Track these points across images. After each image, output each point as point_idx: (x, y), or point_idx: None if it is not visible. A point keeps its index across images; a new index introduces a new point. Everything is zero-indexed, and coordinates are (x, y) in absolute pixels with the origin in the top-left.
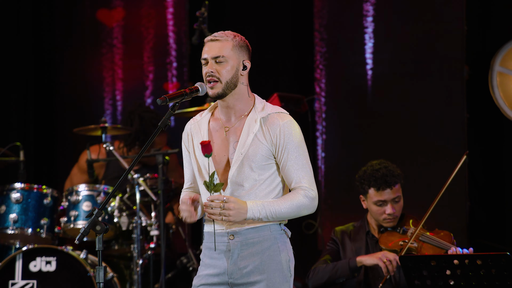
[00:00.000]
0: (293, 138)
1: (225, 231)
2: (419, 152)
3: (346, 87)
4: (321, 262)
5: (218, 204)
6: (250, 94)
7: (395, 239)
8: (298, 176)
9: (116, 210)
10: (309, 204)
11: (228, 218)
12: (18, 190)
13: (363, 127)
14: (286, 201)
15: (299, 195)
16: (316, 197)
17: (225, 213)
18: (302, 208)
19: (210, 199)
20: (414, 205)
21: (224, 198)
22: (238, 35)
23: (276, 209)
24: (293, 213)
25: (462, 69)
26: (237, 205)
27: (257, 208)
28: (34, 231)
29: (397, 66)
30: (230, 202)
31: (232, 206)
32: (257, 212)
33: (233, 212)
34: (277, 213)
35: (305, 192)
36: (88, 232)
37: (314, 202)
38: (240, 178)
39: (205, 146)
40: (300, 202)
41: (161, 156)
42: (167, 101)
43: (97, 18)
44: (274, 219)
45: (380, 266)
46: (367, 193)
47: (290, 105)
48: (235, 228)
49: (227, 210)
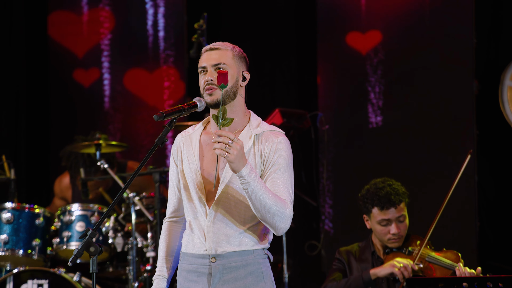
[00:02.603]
0: (284, 157)
1: (206, 253)
2: (427, 169)
3: (350, 102)
4: (331, 281)
5: (226, 140)
6: (246, 109)
7: None
8: (280, 190)
9: (110, 230)
10: (285, 216)
11: (229, 156)
12: (8, 210)
13: (367, 145)
14: (274, 194)
15: (284, 202)
16: (291, 218)
17: (229, 150)
18: (281, 213)
19: (220, 133)
20: (420, 226)
21: (235, 138)
22: (236, 46)
23: (264, 192)
24: (271, 209)
25: (472, 83)
26: (242, 152)
27: (253, 173)
28: (26, 253)
29: (404, 79)
30: (238, 143)
31: (238, 147)
32: (251, 175)
33: (237, 153)
34: (262, 196)
35: (288, 205)
36: (82, 253)
37: (289, 221)
38: (228, 195)
39: (222, 75)
40: (283, 207)
41: (158, 174)
42: (164, 117)
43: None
44: (255, 198)
45: (395, 273)
46: (370, 213)
47: (292, 121)
48: (218, 251)
49: (233, 148)
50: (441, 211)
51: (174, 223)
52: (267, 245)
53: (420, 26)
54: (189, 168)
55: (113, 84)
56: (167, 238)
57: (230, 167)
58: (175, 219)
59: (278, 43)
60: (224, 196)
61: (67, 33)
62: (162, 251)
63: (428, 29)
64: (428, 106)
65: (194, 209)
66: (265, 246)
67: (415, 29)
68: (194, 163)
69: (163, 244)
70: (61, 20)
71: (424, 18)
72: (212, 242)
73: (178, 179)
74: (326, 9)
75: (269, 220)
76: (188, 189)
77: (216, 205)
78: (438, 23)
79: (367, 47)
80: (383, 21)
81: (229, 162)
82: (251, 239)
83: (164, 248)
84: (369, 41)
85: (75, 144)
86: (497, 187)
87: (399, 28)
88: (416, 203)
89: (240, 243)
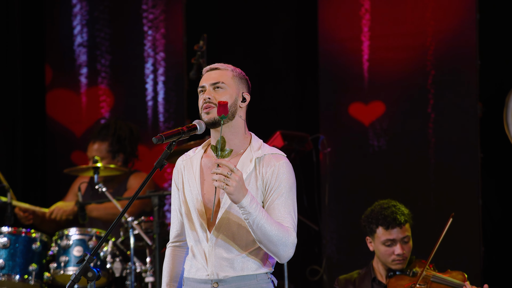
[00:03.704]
0: (286, 181)
1: (208, 278)
2: (430, 193)
3: (351, 127)
4: None
5: (226, 170)
6: (247, 131)
7: (406, 283)
8: (282, 217)
9: (108, 255)
10: (288, 244)
11: (228, 188)
12: (5, 235)
13: (371, 169)
14: (276, 223)
15: (287, 230)
16: (295, 245)
17: (228, 182)
18: (284, 242)
19: (219, 163)
20: (424, 249)
21: (234, 168)
22: (237, 68)
23: (266, 222)
24: (273, 238)
25: (476, 106)
26: (242, 182)
27: (254, 203)
28: (22, 278)
29: (406, 102)
30: (237, 174)
31: (237, 178)
32: (252, 205)
33: (236, 184)
34: (264, 226)
35: (291, 233)
36: (79, 279)
37: (293, 248)
38: (229, 220)
39: (222, 106)
40: (286, 236)
41: (157, 198)
42: (163, 140)
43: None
44: (256, 228)
45: None
46: (374, 233)
47: (293, 144)
48: (220, 276)
49: (232, 180)
50: (440, 242)
51: (178, 247)
52: (271, 269)
53: (423, 46)
54: (190, 192)
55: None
56: (171, 264)
57: (230, 198)
58: (178, 243)
59: (280, 65)
60: (225, 221)
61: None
62: (166, 277)
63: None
64: (432, 129)
65: (195, 234)
66: (269, 270)
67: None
68: (195, 187)
69: (167, 269)
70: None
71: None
72: (214, 267)
73: (179, 203)
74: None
75: (271, 249)
76: (189, 213)
77: (217, 230)
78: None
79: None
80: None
81: (228, 194)
82: (254, 263)
83: (167, 273)
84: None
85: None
86: (503, 210)
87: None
88: (419, 226)
89: (243, 268)
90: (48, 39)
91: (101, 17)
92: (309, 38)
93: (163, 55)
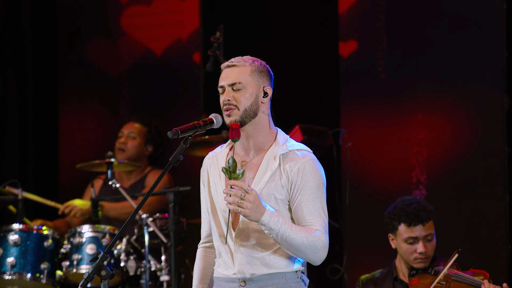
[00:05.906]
0: (312, 180)
1: (236, 277)
2: (455, 189)
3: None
4: None
5: (239, 192)
6: (272, 126)
7: (428, 282)
8: (311, 220)
9: (122, 253)
10: (318, 249)
11: (244, 211)
12: (16, 232)
13: (394, 165)
14: (302, 231)
15: (315, 235)
16: (327, 247)
17: (243, 204)
18: (313, 248)
19: (232, 184)
20: (448, 247)
21: (248, 188)
22: (257, 59)
23: (291, 233)
24: (300, 247)
25: (502, 99)
26: (257, 201)
27: (275, 218)
28: (34, 276)
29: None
30: (251, 195)
31: (252, 199)
32: (273, 221)
33: (251, 206)
34: (289, 237)
35: (320, 237)
36: (93, 277)
37: (325, 251)
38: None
39: (235, 130)
40: (314, 242)
41: (172, 194)
42: (179, 134)
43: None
44: (281, 240)
45: None
46: (396, 230)
47: (313, 138)
48: (247, 274)
49: (246, 201)
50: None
51: (208, 248)
52: (301, 267)
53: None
54: (215, 191)
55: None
56: (201, 265)
57: (248, 219)
58: (209, 244)
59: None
60: (247, 220)
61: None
62: (196, 279)
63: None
64: (457, 123)
65: (221, 233)
66: (299, 268)
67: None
68: (220, 186)
69: (197, 271)
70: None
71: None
72: (240, 265)
73: (207, 202)
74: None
75: (301, 256)
76: (215, 212)
77: (241, 227)
78: (467, 37)
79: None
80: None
81: (245, 216)
82: (282, 260)
83: (197, 275)
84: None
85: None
86: None
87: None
88: (443, 223)
89: (270, 265)
90: (59, 30)
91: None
92: (328, 28)
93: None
